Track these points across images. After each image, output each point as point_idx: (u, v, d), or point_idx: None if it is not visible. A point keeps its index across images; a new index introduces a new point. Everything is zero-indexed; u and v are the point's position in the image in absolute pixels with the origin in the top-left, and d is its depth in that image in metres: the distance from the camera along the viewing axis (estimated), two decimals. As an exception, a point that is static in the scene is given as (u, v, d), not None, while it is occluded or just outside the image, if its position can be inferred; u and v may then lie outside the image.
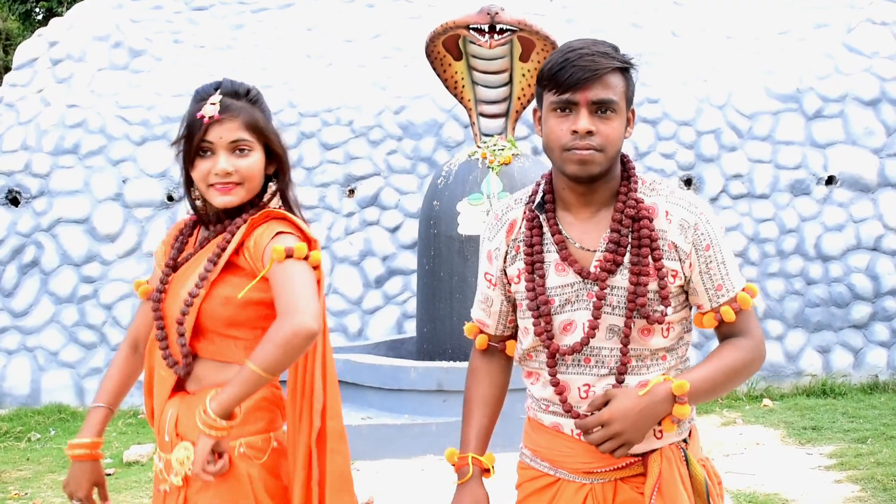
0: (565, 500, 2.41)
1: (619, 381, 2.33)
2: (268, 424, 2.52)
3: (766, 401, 8.68)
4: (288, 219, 2.49)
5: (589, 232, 2.36)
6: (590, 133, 2.25)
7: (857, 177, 9.62)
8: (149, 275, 2.78)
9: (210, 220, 2.58)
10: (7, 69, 15.85)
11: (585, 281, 2.32)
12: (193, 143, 2.45)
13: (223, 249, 2.46)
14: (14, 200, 9.99)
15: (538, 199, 2.40)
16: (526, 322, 2.43)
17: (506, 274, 2.48)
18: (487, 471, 2.56)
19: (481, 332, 2.65)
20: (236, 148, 2.46)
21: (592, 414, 2.29)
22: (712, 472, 2.46)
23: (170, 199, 9.98)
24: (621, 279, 2.31)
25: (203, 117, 2.44)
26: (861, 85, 9.88)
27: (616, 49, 2.34)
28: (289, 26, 11.87)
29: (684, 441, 2.41)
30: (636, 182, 2.37)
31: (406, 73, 10.63)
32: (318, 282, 2.46)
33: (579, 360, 2.37)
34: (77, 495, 2.62)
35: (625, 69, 2.33)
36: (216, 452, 2.30)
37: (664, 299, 2.30)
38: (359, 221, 10.02)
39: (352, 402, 7.71)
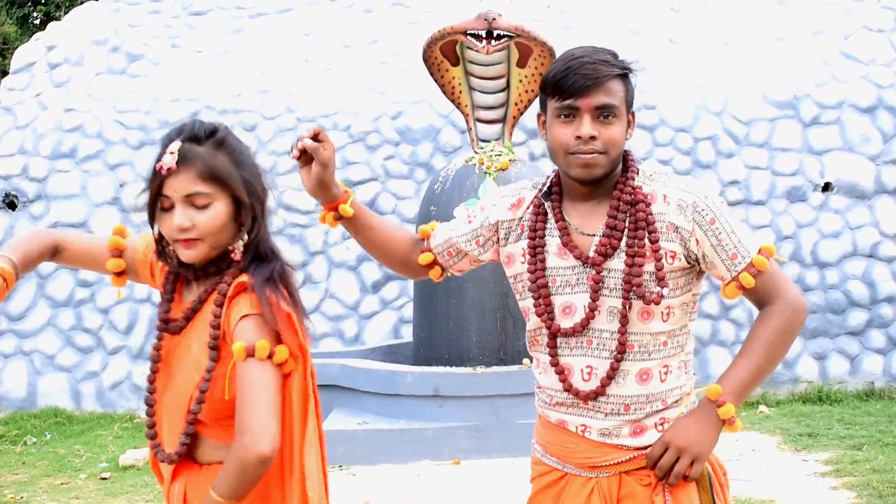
0: (572, 495, 2.47)
1: (617, 361, 2.40)
2: (256, 499, 2.30)
3: (762, 407, 8.69)
4: (255, 295, 2.23)
5: (590, 218, 2.45)
6: (592, 138, 2.36)
7: (854, 184, 9.64)
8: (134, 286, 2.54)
9: (189, 274, 2.36)
10: (5, 73, 15.85)
11: (585, 265, 2.42)
12: (152, 199, 2.27)
13: (216, 328, 2.25)
14: (11, 204, 9.99)
15: (545, 188, 2.51)
16: (527, 303, 2.51)
17: (500, 248, 2.59)
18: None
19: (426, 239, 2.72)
20: (193, 202, 2.24)
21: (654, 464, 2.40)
22: (716, 463, 2.56)
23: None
24: (619, 262, 2.40)
25: (161, 168, 2.24)
26: (858, 92, 9.90)
27: (615, 56, 2.46)
28: (287, 31, 11.88)
29: None
30: (634, 172, 2.46)
31: (403, 78, 10.64)
32: (287, 377, 2.25)
33: (581, 343, 2.44)
34: None
35: (624, 75, 2.46)
36: None
37: (660, 280, 2.37)
38: (356, 226, 10.02)
39: (348, 407, 7.71)
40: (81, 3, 16.13)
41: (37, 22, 19.22)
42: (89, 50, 10.81)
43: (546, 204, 2.49)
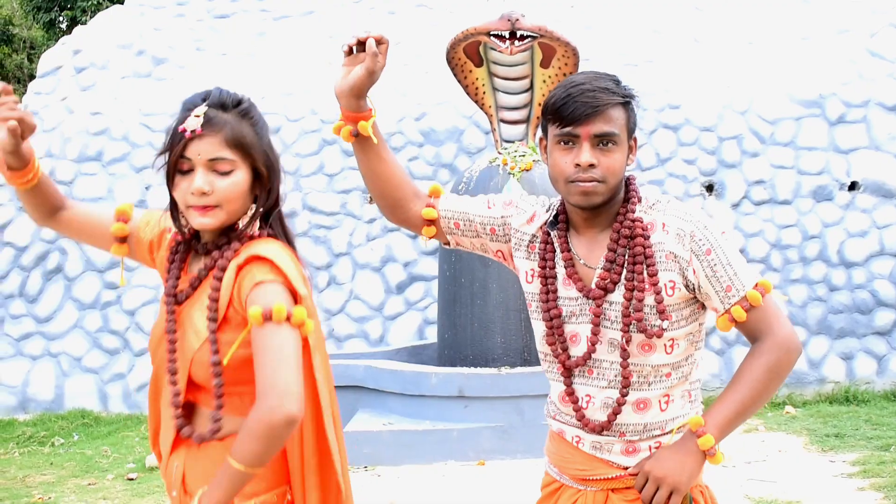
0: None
1: (623, 395, 2.40)
2: (282, 477, 2.29)
3: (788, 408, 8.64)
4: (271, 262, 2.19)
5: (593, 250, 2.45)
6: (591, 166, 2.34)
7: (881, 182, 9.57)
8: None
9: (198, 246, 2.33)
10: (32, 77, 15.97)
11: (587, 297, 2.42)
12: (172, 159, 2.22)
13: (215, 301, 2.21)
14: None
15: (551, 217, 2.50)
16: (537, 325, 2.53)
17: (512, 251, 2.59)
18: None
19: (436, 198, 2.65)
20: (216, 167, 2.21)
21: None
22: (709, 497, 2.50)
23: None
24: (619, 295, 2.40)
25: (185, 130, 2.20)
26: (884, 90, 9.83)
27: (617, 82, 2.42)
28: (310, 34, 11.91)
29: None
30: (635, 203, 2.44)
31: (427, 79, 10.65)
32: (305, 341, 2.21)
33: (583, 372, 2.46)
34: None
35: (626, 102, 2.41)
36: None
37: (661, 313, 2.36)
38: (380, 228, 10.04)
39: (373, 408, 7.72)
40: (107, 7, 16.27)
41: (63, 26, 19.36)
42: (115, 54, 10.88)
43: (552, 234, 2.49)
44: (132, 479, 7.17)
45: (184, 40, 11.94)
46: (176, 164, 2.21)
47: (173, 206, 2.31)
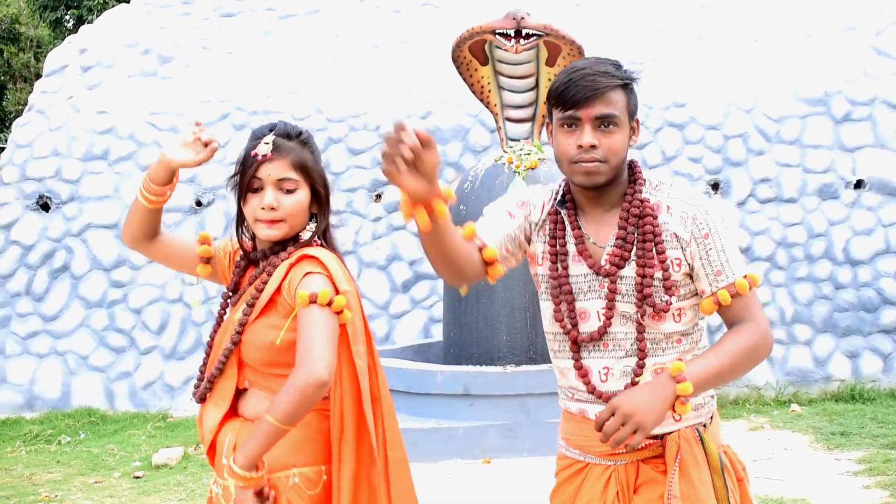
0: (591, 483, 2.57)
1: (640, 366, 2.51)
2: (321, 457, 2.60)
3: (794, 406, 8.64)
4: (319, 260, 2.58)
5: (601, 229, 2.57)
6: (593, 146, 2.45)
7: (886, 180, 9.56)
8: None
9: (258, 258, 2.72)
10: (38, 76, 16.01)
11: (598, 274, 2.53)
12: (245, 179, 2.61)
13: (260, 291, 2.60)
14: (45, 206, 10.09)
15: (559, 197, 2.62)
16: (545, 305, 2.64)
17: (528, 241, 2.65)
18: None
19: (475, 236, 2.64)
20: (283, 186, 2.60)
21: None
22: (735, 458, 2.64)
23: (198, 204, 10.06)
24: (629, 270, 2.52)
25: (256, 155, 2.59)
26: (890, 88, 9.82)
27: (618, 67, 2.56)
28: (316, 32, 11.92)
29: (703, 425, 2.59)
30: (642, 183, 2.56)
31: (432, 78, 10.66)
32: (343, 328, 2.57)
33: (598, 346, 2.56)
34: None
35: (626, 85, 2.53)
36: (257, 495, 2.46)
37: (668, 289, 2.49)
38: (386, 226, 10.05)
39: (379, 407, 7.73)
40: (113, 6, 16.29)
41: (69, 25, 19.39)
42: (121, 52, 10.90)
43: (562, 212, 2.60)
44: (138, 478, 7.19)
45: (190, 39, 11.96)
46: (248, 184, 2.60)
47: (238, 221, 2.74)
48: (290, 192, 2.61)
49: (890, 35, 10.21)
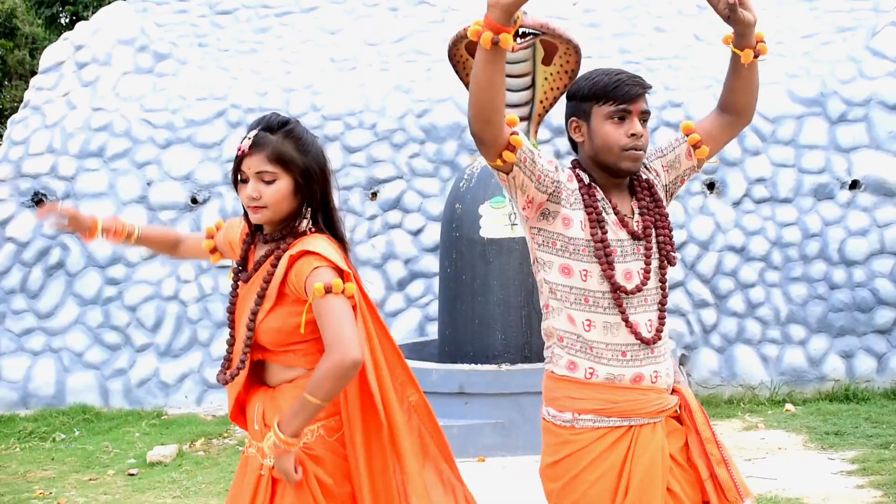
0: (644, 441, 2.85)
1: (663, 311, 2.95)
2: (336, 407, 2.90)
3: (788, 405, 8.66)
4: (321, 255, 2.81)
5: (623, 202, 2.97)
6: (641, 135, 2.90)
7: (882, 181, 9.57)
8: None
9: (262, 236, 3.01)
10: (33, 73, 15.98)
11: (634, 238, 2.91)
12: (234, 174, 2.93)
13: (268, 283, 2.86)
14: (40, 203, 10.08)
15: (586, 178, 2.95)
16: (585, 266, 2.87)
17: (557, 207, 2.89)
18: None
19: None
20: (262, 177, 2.87)
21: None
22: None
23: (194, 201, 10.04)
24: (651, 233, 2.96)
25: (241, 150, 2.88)
26: (886, 89, 9.83)
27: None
28: (312, 30, 11.92)
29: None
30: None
31: (429, 76, 10.66)
32: (355, 308, 2.83)
33: (641, 301, 2.91)
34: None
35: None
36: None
37: (673, 246, 3.01)
38: (381, 224, 10.05)
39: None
40: (109, 2, 16.27)
41: (65, 22, 19.36)
42: (117, 49, 10.89)
43: (597, 188, 2.93)
44: (133, 475, 7.19)
45: (186, 36, 11.95)
46: (237, 176, 2.91)
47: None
48: (269, 182, 2.86)
49: (886, 36, 10.22)
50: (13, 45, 19.67)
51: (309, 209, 2.97)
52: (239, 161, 2.90)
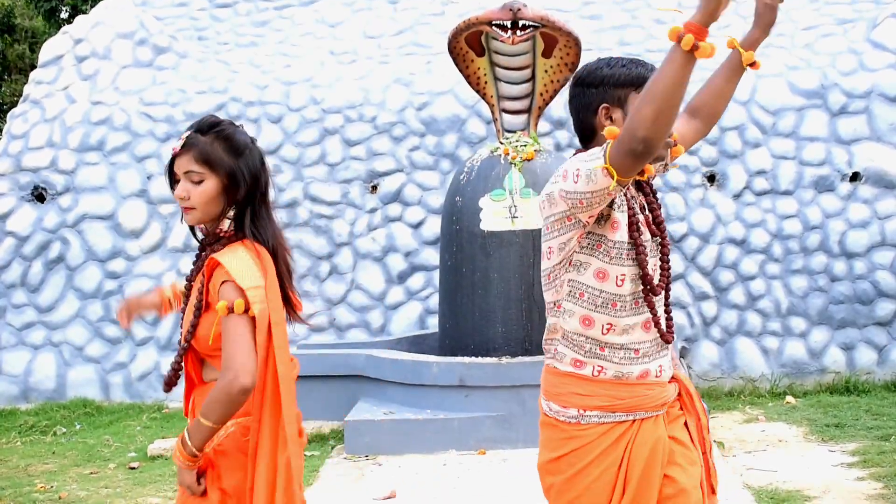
0: (645, 434, 2.85)
1: (668, 300, 2.96)
2: (249, 410, 2.91)
3: (788, 398, 8.66)
4: (225, 269, 2.81)
5: (637, 196, 2.90)
6: None
7: (882, 173, 9.56)
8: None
9: (200, 242, 3.03)
10: (33, 67, 15.96)
11: (653, 237, 2.89)
12: (169, 173, 2.96)
13: (201, 293, 2.89)
14: (40, 197, 10.07)
15: None
16: (623, 271, 2.82)
17: (610, 213, 2.82)
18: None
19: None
20: (191, 178, 2.87)
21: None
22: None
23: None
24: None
25: (174, 151, 2.89)
26: (886, 81, 9.82)
27: None
28: (312, 23, 11.91)
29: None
30: None
31: (429, 69, 10.65)
32: (257, 323, 2.80)
33: (660, 297, 2.93)
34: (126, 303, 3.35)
35: None
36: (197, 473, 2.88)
37: None
38: (381, 217, 10.05)
39: (374, 397, 7.74)
40: (108, -4, 16.22)
41: (64, 15, 19.34)
42: (116, 43, 10.87)
43: (631, 187, 2.88)
44: (134, 468, 7.19)
45: (185, 29, 11.94)
46: (171, 175, 2.94)
47: None
48: (197, 182, 2.87)
49: (886, 28, 10.20)
50: (12, 39, 19.65)
51: (232, 212, 2.94)
52: (171, 162, 2.92)
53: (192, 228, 3.07)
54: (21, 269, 9.86)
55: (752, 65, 3.06)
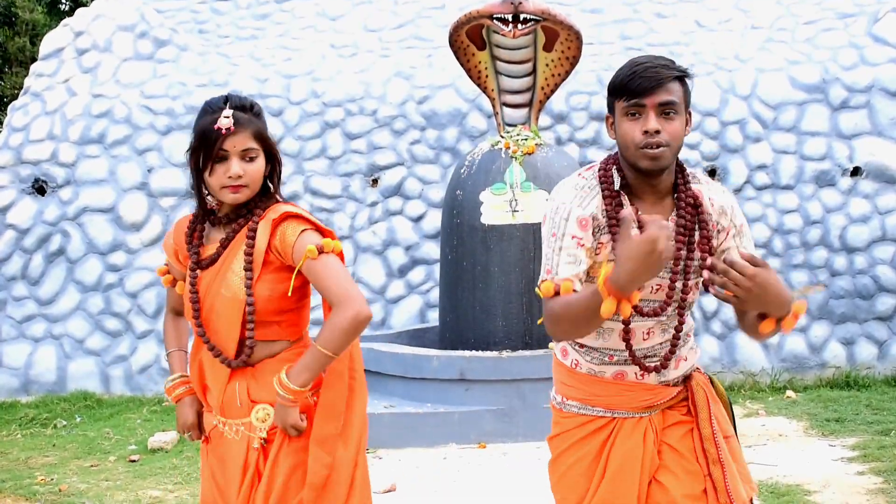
0: (625, 434, 2.83)
1: (679, 331, 2.82)
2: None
3: (789, 392, 8.66)
4: (303, 217, 2.89)
5: (656, 211, 2.76)
6: (657, 131, 2.65)
7: (883, 167, 9.56)
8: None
9: (221, 218, 3.01)
10: (34, 59, 15.95)
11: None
12: (213, 151, 2.87)
13: (250, 254, 2.87)
14: (40, 189, 10.07)
15: (617, 182, 2.77)
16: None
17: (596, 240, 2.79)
18: None
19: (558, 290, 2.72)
20: (246, 155, 2.89)
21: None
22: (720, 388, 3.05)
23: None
24: (682, 252, 2.78)
25: (220, 129, 2.85)
26: (887, 75, 9.81)
27: (673, 62, 2.75)
28: (313, 16, 11.89)
29: (697, 369, 2.98)
30: (689, 175, 2.82)
31: (430, 62, 10.64)
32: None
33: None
34: (187, 425, 3.13)
35: (681, 77, 2.73)
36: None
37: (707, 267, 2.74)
38: (382, 211, 10.04)
39: (374, 391, 7.74)
40: (109, -11, 16.18)
41: (65, 8, 19.32)
42: (117, 36, 10.86)
43: (624, 196, 2.77)
44: (134, 461, 7.19)
45: (186, 22, 11.93)
46: (215, 155, 2.87)
47: (199, 189, 3.00)
48: (251, 160, 2.89)
49: (888, 22, 10.19)
50: (13, 32, 19.63)
51: (279, 183, 3.04)
52: (222, 140, 2.86)
53: (202, 202, 3.02)
54: (21, 261, 9.86)
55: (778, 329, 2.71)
